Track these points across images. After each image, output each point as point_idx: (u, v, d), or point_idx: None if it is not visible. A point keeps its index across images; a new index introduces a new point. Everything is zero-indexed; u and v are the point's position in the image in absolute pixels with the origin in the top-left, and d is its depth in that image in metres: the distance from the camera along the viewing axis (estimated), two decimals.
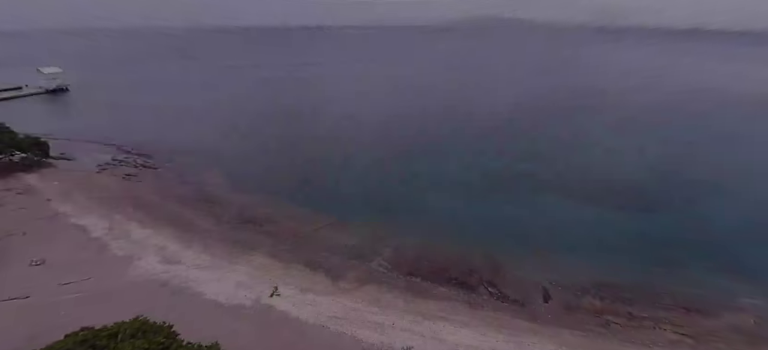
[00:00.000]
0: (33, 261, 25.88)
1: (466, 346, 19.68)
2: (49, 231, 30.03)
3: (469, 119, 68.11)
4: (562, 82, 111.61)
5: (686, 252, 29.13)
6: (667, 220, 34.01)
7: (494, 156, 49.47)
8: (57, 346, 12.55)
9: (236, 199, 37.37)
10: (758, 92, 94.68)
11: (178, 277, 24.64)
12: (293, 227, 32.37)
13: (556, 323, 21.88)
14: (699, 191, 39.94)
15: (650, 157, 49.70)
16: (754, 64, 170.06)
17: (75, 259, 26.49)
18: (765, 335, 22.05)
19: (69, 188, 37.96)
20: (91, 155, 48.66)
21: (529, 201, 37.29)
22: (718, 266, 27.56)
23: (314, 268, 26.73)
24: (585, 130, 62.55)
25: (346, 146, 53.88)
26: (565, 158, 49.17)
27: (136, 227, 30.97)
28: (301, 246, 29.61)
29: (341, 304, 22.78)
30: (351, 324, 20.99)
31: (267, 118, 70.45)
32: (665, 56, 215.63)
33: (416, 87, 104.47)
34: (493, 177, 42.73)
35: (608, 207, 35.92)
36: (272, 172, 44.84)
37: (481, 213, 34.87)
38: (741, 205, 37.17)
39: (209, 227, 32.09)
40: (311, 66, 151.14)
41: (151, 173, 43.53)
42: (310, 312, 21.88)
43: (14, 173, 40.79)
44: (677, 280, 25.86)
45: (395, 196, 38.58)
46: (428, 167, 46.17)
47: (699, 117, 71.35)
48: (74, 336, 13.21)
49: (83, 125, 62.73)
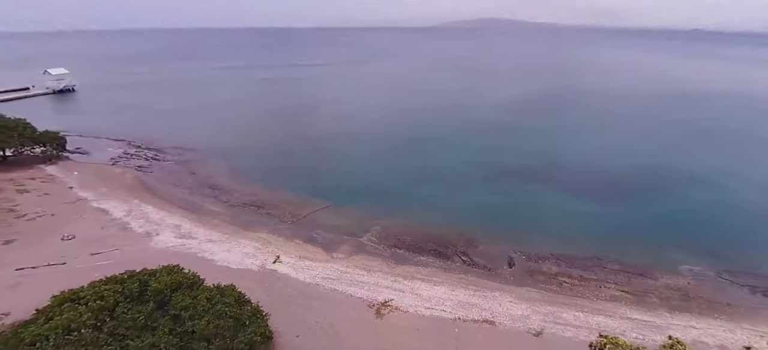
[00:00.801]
0: (64, 236, 29.55)
1: (437, 299, 23.47)
2: (74, 213, 33.67)
3: (456, 117, 72.29)
4: (547, 83, 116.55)
5: (637, 230, 33.18)
6: (623, 204, 38.10)
7: (476, 150, 53.44)
8: (96, 288, 15.96)
9: (240, 187, 41.11)
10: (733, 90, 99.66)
11: (192, 248, 28.36)
12: (293, 210, 36.10)
13: (516, 283, 25.72)
14: (653, 177, 44.42)
15: (613, 151, 54.04)
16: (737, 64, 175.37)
17: (101, 235, 30.15)
18: (695, 293, 25.87)
19: (87, 178, 41.66)
20: (103, 149, 52.41)
21: (504, 189, 41.28)
22: (664, 241, 31.47)
23: (311, 242, 30.54)
24: (560, 127, 67.07)
25: (342, 140, 57.83)
26: (539, 151, 53.27)
27: (152, 210, 34.68)
28: (299, 226, 33.39)
29: (334, 268, 26.57)
30: (341, 283, 24.77)
31: (268, 115, 74.36)
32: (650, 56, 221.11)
33: (409, 87, 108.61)
34: (474, 168, 46.78)
35: (572, 193, 39.96)
36: (273, 164, 48.59)
37: (460, 199, 38.77)
38: (688, 189, 41.40)
39: (217, 210, 35.85)
40: (311, 67, 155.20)
41: (161, 166, 47.26)
42: (307, 274, 25.65)
43: (36, 164, 44.48)
44: (626, 252, 29.65)
45: (385, 185, 42.37)
46: (416, 159, 50.16)
47: (669, 115, 75.99)
48: (121, 275, 16.90)
49: (92, 122, 66.26)
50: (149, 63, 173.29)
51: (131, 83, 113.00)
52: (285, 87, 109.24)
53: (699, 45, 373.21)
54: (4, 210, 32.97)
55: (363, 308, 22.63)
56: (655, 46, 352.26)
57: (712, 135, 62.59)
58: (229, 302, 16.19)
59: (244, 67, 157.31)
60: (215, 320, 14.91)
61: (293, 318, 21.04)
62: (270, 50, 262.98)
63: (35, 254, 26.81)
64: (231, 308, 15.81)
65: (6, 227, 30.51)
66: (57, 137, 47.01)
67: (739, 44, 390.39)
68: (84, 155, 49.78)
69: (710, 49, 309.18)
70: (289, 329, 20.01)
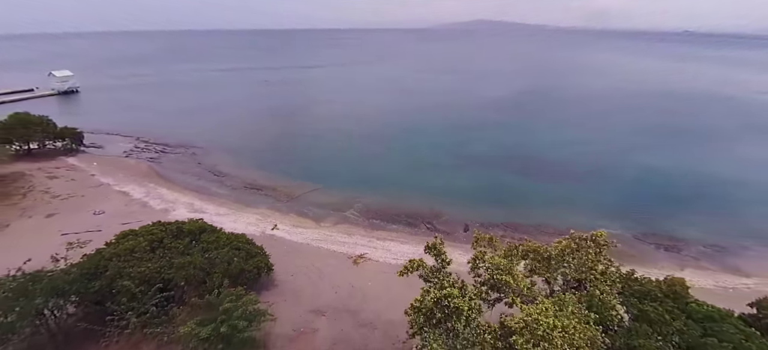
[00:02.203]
0: (96, 211, 35.30)
1: (403, 253, 29.61)
2: (100, 194, 39.40)
3: (438, 115, 78.72)
4: (529, 83, 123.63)
5: (577, 204, 39.77)
6: (569, 184, 44.81)
7: (452, 142, 59.76)
8: (147, 228, 21.85)
9: (242, 174, 47.00)
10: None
11: (205, 219, 34.05)
12: (288, 192, 42.11)
13: (467, 241, 31.93)
14: (599, 164, 51.39)
15: (572, 143, 60.82)
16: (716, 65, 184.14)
17: (126, 210, 35.93)
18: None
19: (106, 167, 47.31)
20: (115, 144, 57.97)
21: (471, 174, 47.63)
22: (597, 212, 38.02)
23: (303, 215, 36.63)
24: (531, 123, 73.97)
25: (333, 135, 63.91)
26: (506, 143, 59.89)
27: (167, 192, 40.53)
28: (293, 203, 39.44)
29: (321, 233, 32.68)
30: (327, 243, 30.87)
31: (266, 114, 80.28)
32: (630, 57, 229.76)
33: (399, 88, 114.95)
34: (448, 158, 53.17)
35: (528, 176, 46.67)
36: (271, 155, 54.47)
37: (432, 182, 45.00)
38: (625, 172, 48.60)
39: (223, 192, 41.80)
40: (310, 69, 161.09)
41: (169, 158, 52.97)
42: (300, 237, 31.72)
43: (58, 156, 50.01)
44: (564, 220, 35.75)
45: (369, 171, 48.49)
46: (398, 150, 56.40)
47: (633, 113, 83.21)
48: (162, 222, 22.83)
49: (99, 122, 71.25)
50: (151, 65, 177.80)
51: (134, 84, 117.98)
52: (283, 88, 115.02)
53: (685, 47, 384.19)
54: (41, 191, 38.66)
55: (343, 259, 28.75)
56: (642, 48, 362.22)
57: (664, 129, 69.66)
58: (242, 241, 22.21)
59: (245, 68, 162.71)
60: (232, 251, 20.94)
61: (288, 265, 27.05)
62: (270, 53, 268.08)
63: (74, 224, 32.50)
64: (243, 244, 21.83)
65: (45, 204, 36.24)
66: (75, 132, 52.55)
67: (726, 46, 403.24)
68: (99, 149, 55.29)
69: (695, 51, 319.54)
70: (285, 270, 26.04)
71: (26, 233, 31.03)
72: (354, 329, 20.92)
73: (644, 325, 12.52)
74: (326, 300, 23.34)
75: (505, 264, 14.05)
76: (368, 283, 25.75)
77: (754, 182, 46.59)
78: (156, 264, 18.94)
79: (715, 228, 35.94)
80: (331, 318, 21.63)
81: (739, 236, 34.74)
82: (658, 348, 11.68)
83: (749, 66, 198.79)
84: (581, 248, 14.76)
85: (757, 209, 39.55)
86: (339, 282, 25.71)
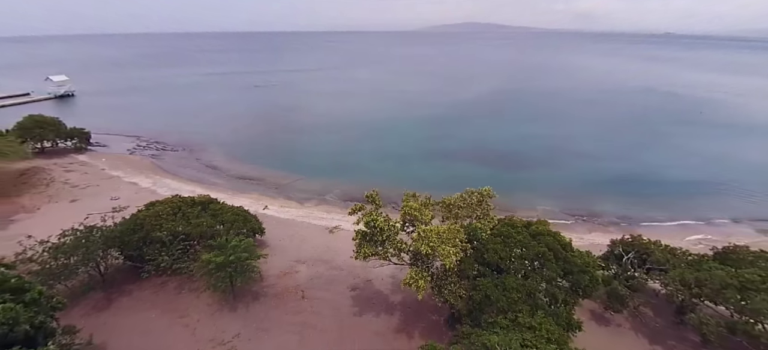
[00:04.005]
0: (112, 197, 41.62)
1: None
2: (112, 185, 45.64)
3: (411, 114, 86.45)
4: (501, 85, 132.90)
5: (519, 186, 47.51)
6: (515, 170, 52.77)
7: (420, 137, 67.44)
8: (168, 199, 28.61)
9: (235, 167, 53.68)
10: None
11: None
12: (275, 181, 48.96)
13: None
14: (542, 153, 59.63)
15: (525, 136, 69.15)
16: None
17: (137, 197, 42.19)
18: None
19: (114, 162, 53.40)
20: (118, 143, 63.83)
21: (434, 163, 55.25)
22: (533, 192, 45.98)
23: (289, 199, 43.61)
24: (493, 120, 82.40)
25: (315, 133, 70.96)
26: (467, 137, 67.86)
27: (171, 181, 46.99)
28: (280, 190, 46.34)
29: (305, 212, 39.73)
30: (309, 218, 37.94)
31: (254, 115, 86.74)
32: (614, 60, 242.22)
33: (378, 90, 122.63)
34: (415, 150, 60.79)
35: (482, 164, 54.56)
36: (259, 151, 61.14)
37: (401, 171, 52.40)
38: (563, 160, 57.06)
39: (220, 181, 48.45)
40: (295, 72, 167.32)
41: (169, 154, 59.20)
42: (287, 215, 38.70)
43: (69, 154, 55.83)
44: (506, 199, 43.60)
45: (346, 163, 55.58)
46: (372, 145, 63.78)
47: (586, 109, 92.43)
48: (174, 197, 29.60)
49: (99, 123, 76.71)
50: (138, 69, 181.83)
51: (125, 88, 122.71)
52: (269, 91, 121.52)
53: (662, 49, 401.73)
54: (61, 182, 44.74)
55: (321, 230, 35.81)
56: (619, 50, 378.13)
57: (609, 123, 78.89)
58: (240, 212, 29.18)
59: (230, 73, 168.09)
60: (233, 216, 27.89)
61: (277, 234, 33.95)
62: (256, 56, 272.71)
63: (96, 207, 38.67)
64: (241, 213, 28.81)
65: (67, 192, 42.42)
66: (83, 132, 58.37)
67: (701, 48, 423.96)
68: (104, 147, 61.11)
69: (669, 53, 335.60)
70: (274, 237, 32.98)
71: (56, 214, 37.20)
72: (326, 271, 28.11)
73: (497, 237, 19.92)
74: (307, 254, 30.46)
75: (418, 207, 21.37)
76: (340, 245, 32.81)
77: (668, 167, 55.43)
78: (177, 223, 25.75)
79: (628, 204, 44.21)
80: (310, 265, 28.77)
81: (646, 210, 43.01)
82: (500, 247, 19.06)
83: (714, 67, 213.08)
84: (470, 199, 22.22)
85: (665, 189, 48.17)
86: (317, 244, 32.82)
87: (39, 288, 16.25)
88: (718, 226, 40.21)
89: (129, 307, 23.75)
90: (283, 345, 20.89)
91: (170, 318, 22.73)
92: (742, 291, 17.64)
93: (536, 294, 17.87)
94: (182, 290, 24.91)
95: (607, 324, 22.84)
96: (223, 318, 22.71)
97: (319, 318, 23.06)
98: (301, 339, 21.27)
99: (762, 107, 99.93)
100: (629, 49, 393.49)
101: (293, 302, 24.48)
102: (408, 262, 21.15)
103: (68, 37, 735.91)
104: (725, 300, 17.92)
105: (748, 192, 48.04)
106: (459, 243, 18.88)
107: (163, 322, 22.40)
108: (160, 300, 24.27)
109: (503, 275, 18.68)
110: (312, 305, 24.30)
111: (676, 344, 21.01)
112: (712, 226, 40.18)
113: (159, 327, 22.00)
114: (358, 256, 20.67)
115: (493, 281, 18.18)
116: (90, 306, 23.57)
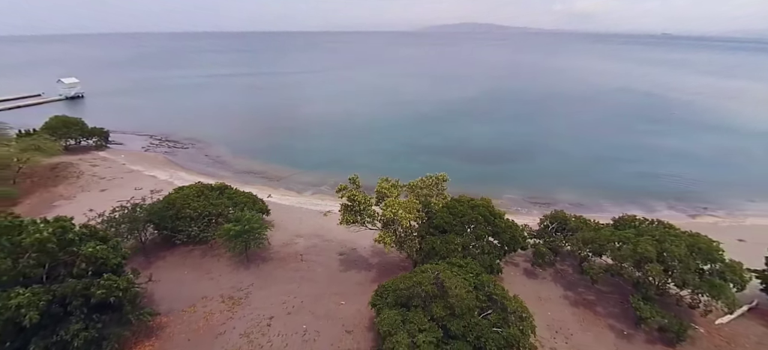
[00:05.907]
0: (136, 188, 48.22)
1: None
2: (134, 177, 52.22)
3: (404, 113, 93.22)
4: (493, 85, 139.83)
5: (494, 179, 54.42)
6: (492, 164, 59.71)
7: (410, 135, 74.24)
8: (192, 185, 35.33)
9: (240, 162, 60.39)
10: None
11: None
12: (277, 175, 55.66)
13: None
14: (518, 149, 66.40)
15: (507, 134, 76.09)
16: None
17: (158, 187, 48.86)
18: (504, 207, 46.94)
19: (132, 158, 59.97)
20: (133, 141, 70.38)
21: (421, 158, 61.91)
22: (505, 183, 52.81)
23: (289, 189, 50.38)
24: (481, 119, 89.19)
25: (313, 131, 77.73)
26: (454, 135, 74.72)
27: (185, 174, 53.58)
28: (281, 182, 53.08)
29: (302, 199, 46.50)
30: (306, 204, 44.71)
31: (257, 114, 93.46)
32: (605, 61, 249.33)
33: (374, 90, 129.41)
34: (405, 147, 67.55)
35: (465, 159, 61.32)
36: (261, 148, 67.81)
37: (389, 164, 58.90)
38: (536, 156, 63.72)
39: (227, 174, 55.01)
40: (294, 74, 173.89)
41: (180, 151, 65.81)
42: (287, 202, 45.44)
43: (90, 151, 62.36)
44: (481, 190, 50.48)
45: (340, 158, 62.29)
46: (365, 142, 70.56)
47: (568, 109, 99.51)
48: (197, 183, 36.32)
49: (110, 123, 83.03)
50: (141, 70, 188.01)
51: (131, 89, 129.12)
52: (270, 92, 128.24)
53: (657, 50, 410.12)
54: (90, 175, 51.33)
55: (317, 213, 42.56)
56: (614, 51, 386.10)
57: (583, 123, 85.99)
58: (249, 196, 35.95)
59: (232, 75, 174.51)
60: (245, 198, 34.63)
61: (280, 216, 40.60)
62: (256, 56, 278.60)
63: (123, 196, 45.27)
64: (250, 197, 35.58)
65: (96, 183, 49.00)
66: (103, 131, 64.88)
67: (694, 49, 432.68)
68: (120, 145, 67.62)
69: (662, 54, 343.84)
70: (278, 217, 39.71)
71: (91, 201, 43.76)
72: (320, 242, 34.93)
73: (445, 208, 26.74)
74: (304, 231, 37.24)
75: (388, 187, 28.16)
76: (332, 225, 39.47)
77: (629, 161, 62.45)
78: (201, 203, 32.46)
79: (584, 194, 51.09)
80: (307, 238, 35.58)
81: (598, 198, 49.90)
82: (446, 215, 25.89)
83: (701, 70, 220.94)
84: (428, 181, 29.08)
85: (620, 180, 55.20)
86: (313, 224, 39.59)
87: (116, 239, 22.91)
88: (656, 212, 47.19)
89: (165, 267, 30.42)
90: (286, 291, 27.66)
91: (199, 273, 29.47)
92: (619, 245, 24.47)
93: (469, 247, 24.69)
94: (206, 255, 31.64)
95: (536, 277, 29.73)
96: (240, 274, 29.46)
97: (313, 274, 29.87)
98: (299, 287, 28.06)
99: (731, 108, 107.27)
100: (623, 50, 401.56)
101: (293, 263, 31.28)
102: (380, 228, 27.94)
103: (67, 37, 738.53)
104: (606, 251, 24.78)
105: (692, 182, 55.12)
106: (415, 212, 25.69)
107: (193, 276, 29.14)
108: (189, 262, 31.00)
109: (447, 234, 25.51)
110: (308, 265, 31.12)
111: (580, 287, 27.95)
112: (651, 213, 47.12)
113: (191, 279, 28.73)
114: (341, 222, 27.48)
115: (439, 238, 25.02)
116: (135, 266, 30.25)
